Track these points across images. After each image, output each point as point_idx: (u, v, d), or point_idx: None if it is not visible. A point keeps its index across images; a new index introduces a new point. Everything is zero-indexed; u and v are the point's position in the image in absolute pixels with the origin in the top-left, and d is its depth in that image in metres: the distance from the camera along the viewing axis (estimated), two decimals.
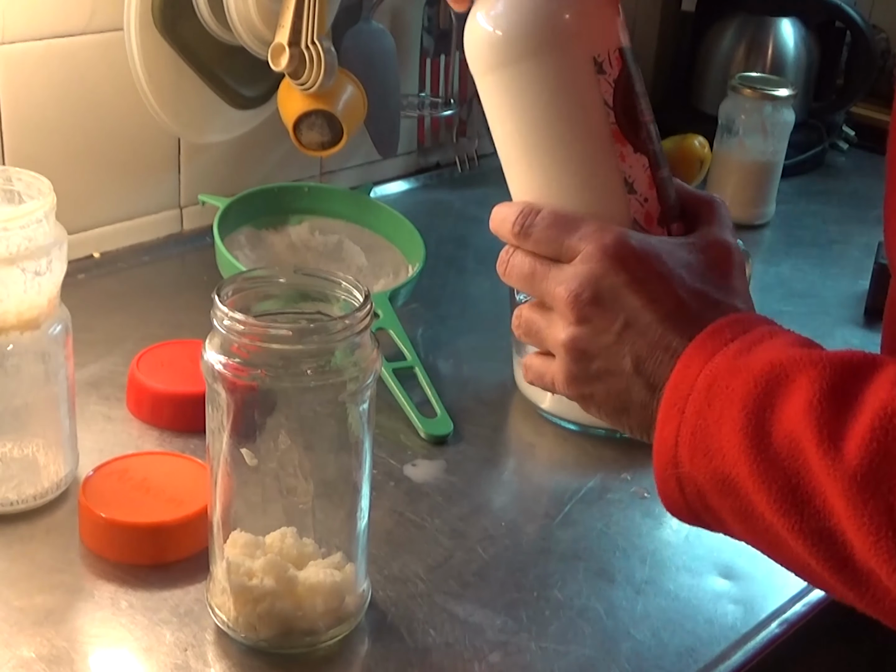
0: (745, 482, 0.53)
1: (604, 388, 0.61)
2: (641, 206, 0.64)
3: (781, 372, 0.54)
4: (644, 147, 0.64)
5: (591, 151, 0.63)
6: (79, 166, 1.14)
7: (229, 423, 0.69)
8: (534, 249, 0.63)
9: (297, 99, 1.10)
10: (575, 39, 0.62)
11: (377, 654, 0.74)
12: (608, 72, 0.62)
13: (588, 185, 0.64)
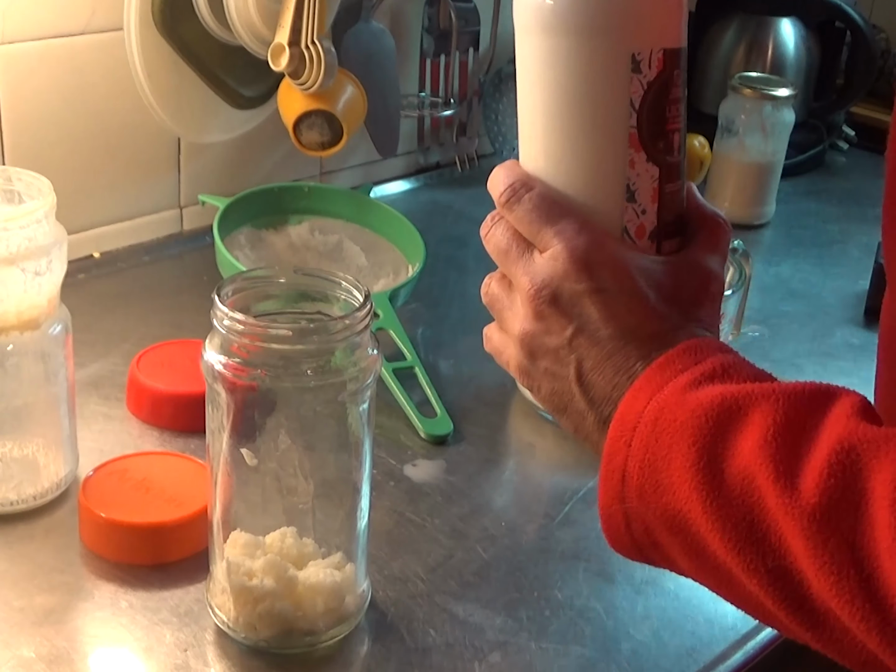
0: (698, 519, 0.52)
1: (548, 385, 0.60)
2: (637, 217, 0.61)
3: (734, 405, 0.52)
4: (659, 158, 0.61)
5: (601, 147, 0.61)
6: (79, 166, 1.14)
7: (229, 423, 0.69)
8: (514, 225, 0.61)
9: (297, 99, 1.10)
10: (616, 29, 0.59)
11: (377, 654, 0.74)
12: (644, 72, 0.59)
13: (588, 178, 0.62)
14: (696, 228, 0.63)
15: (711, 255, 0.63)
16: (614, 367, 0.57)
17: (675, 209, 0.63)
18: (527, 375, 0.61)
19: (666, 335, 0.58)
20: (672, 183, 0.62)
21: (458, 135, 1.50)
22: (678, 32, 0.61)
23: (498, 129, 1.51)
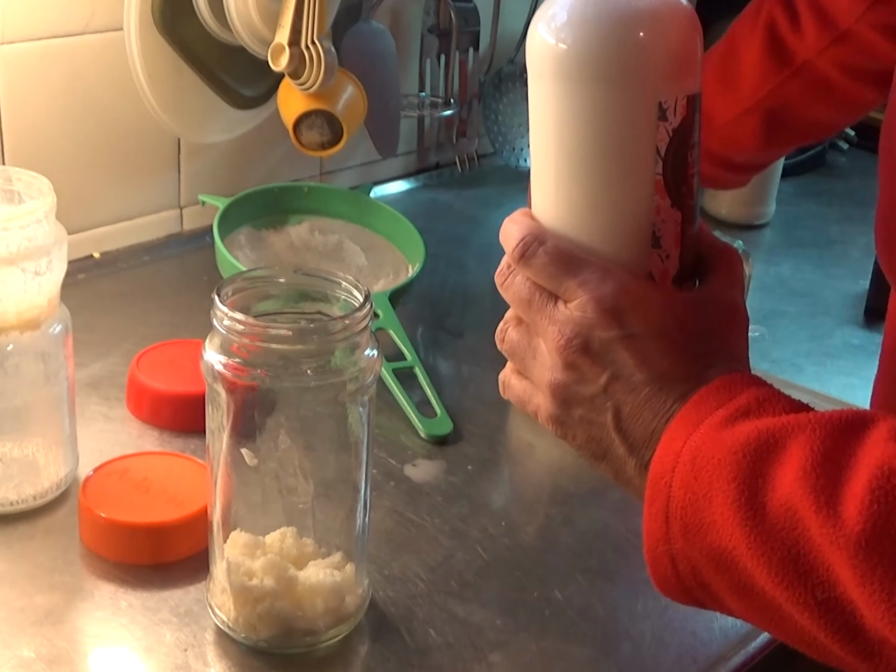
0: (743, 556, 0.52)
1: (584, 434, 0.60)
2: (661, 262, 0.61)
3: (770, 439, 0.52)
4: (682, 202, 0.61)
5: (628, 197, 0.60)
6: (79, 166, 1.14)
7: (229, 423, 0.69)
8: (533, 278, 0.61)
9: (297, 99, 1.10)
10: (645, 78, 0.59)
11: (377, 654, 0.74)
12: (670, 119, 0.59)
13: (615, 227, 0.61)
14: (711, 263, 0.63)
15: (732, 287, 0.62)
16: (652, 411, 0.57)
17: (693, 251, 0.63)
18: (560, 425, 0.61)
19: (699, 373, 0.57)
20: (691, 226, 0.62)
21: (458, 135, 1.50)
22: (698, 77, 0.60)
23: (498, 129, 1.51)
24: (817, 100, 1.08)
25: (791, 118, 1.08)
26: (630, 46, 0.58)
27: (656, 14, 0.58)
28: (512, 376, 0.64)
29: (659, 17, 0.58)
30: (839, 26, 1.02)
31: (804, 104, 1.08)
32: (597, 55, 0.58)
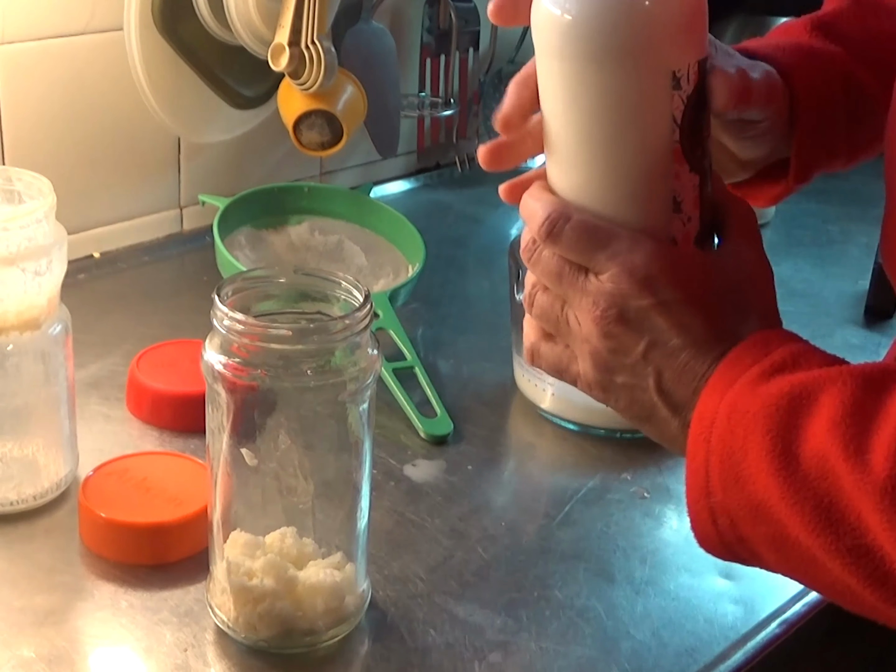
0: (777, 506, 0.53)
1: (627, 397, 0.61)
2: (683, 226, 0.61)
3: (803, 392, 0.54)
4: (699, 165, 0.61)
5: (648, 167, 0.60)
6: (79, 166, 1.14)
7: (229, 423, 0.69)
8: (561, 254, 0.61)
9: (297, 99, 1.10)
10: (658, 49, 0.58)
11: (377, 654, 0.74)
12: (684, 87, 0.59)
13: (636, 199, 0.61)
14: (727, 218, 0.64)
15: (752, 243, 0.64)
16: (691, 373, 0.59)
17: (711, 208, 0.63)
18: (603, 390, 0.62)
19: (733, 332, 0.59)
20: (708, 185, 0.62)
21: (458, 135, 1.50)
22: (707, 41, 0.60)
23: None
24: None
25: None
26: (640, 19, 0.57)
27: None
28: (542, 344, 0.65)
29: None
30: None
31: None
32: (607, 31, 0.57)
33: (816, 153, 0.71)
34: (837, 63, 0.70)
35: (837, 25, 0.73)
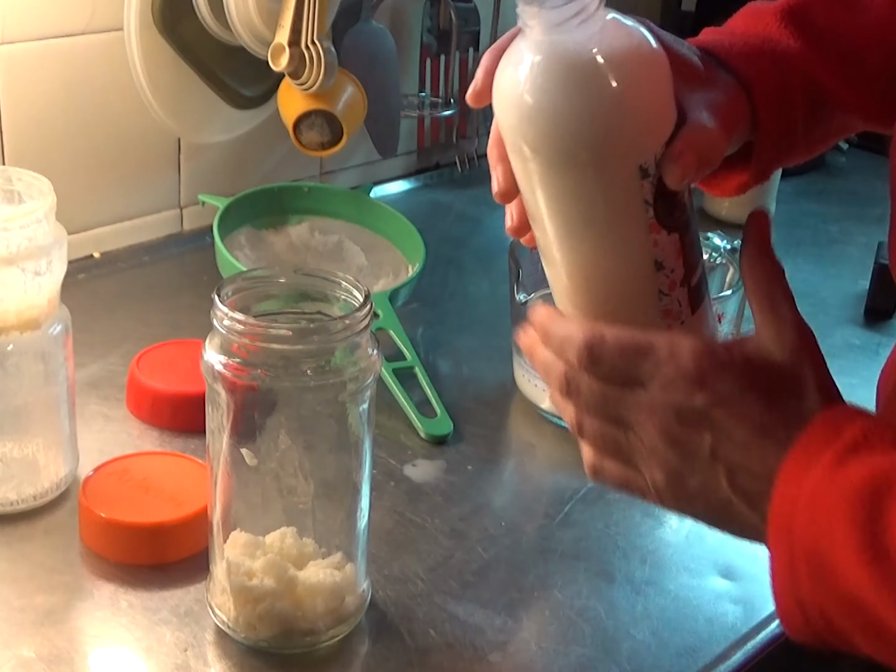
0: (870, 598, 0.52)
1: (702, 500, 0.61)
2: (667, 278, 0.62)
3: (884, 480, 0.53)
4: (677, 223, 0.61)
5: (624, 245, 0.61)
6: (79, 166, 1.14)
7: (229, 423, 0.69)
8: (605, 377, 0.61)
9: (297, 99, 1.10)
10: (623, 154, 0.59)
11: (377, 654, 0.74)
12: (651, 174, 0.59)
13: (617, 273, 0.62)
14: (753, 297, 0.63)
15: (788, 312, 0.62)
16: (762, 463, 0.58)
17: (696, 251, 0.63)
18: (676, 499, 0.61)
19: (795, 413, 0.58)
20: (690, 231, 0.63)
21: (458, 135, 1.50)
22: (672, 115, 0.60)
23: None
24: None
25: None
26: (601, 135, 0.57)
27: (623, 88, 0.57)
28: (604, 461, 0.64)
29: (626, 90, 0.57)
30: None
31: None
32: (568, 146, 0.58)
33: (776, 156, 0.70)
34: (799, 63, 0.69)
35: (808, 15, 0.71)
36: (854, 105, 0.71)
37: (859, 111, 0.71)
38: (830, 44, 0.70)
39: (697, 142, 0.60)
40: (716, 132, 0.62)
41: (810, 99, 0.69)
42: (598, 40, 0.57)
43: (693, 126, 0.61)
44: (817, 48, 0.70)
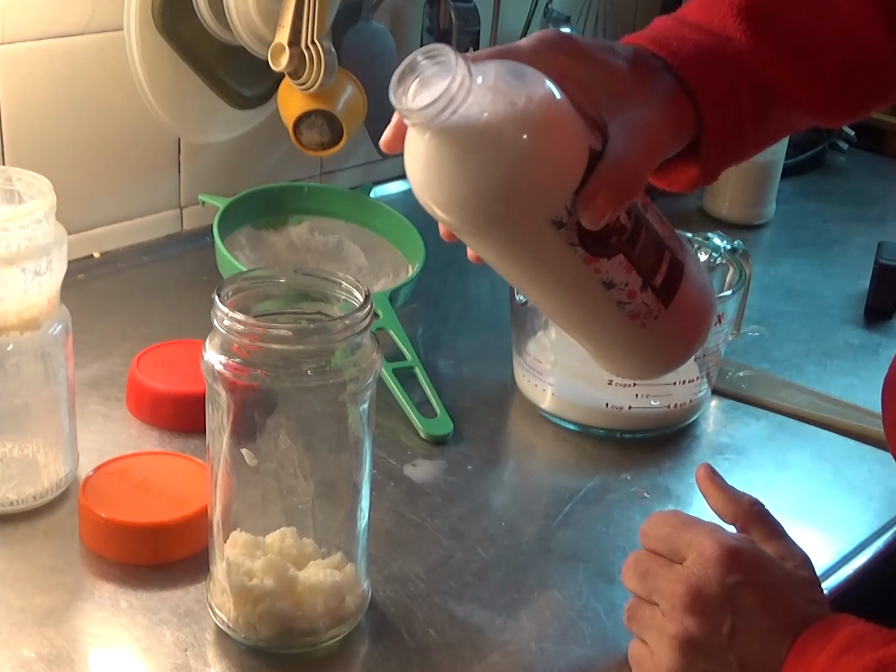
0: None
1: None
2: (623, 290, 0.63)
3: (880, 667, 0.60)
4: (617, 246, 0.62)
5: (564, 284, 0.63)
6: (79, 166, 1.14)
7: (229, 423, 0.69)
8: (652, 547, 0.70)
9: (297, 99, 1.10)
10: (526, 217, 0.59)
11: (377, 654, 0.74)
12: (567, 221, 0.59)
13: (570, 303, 0.65)
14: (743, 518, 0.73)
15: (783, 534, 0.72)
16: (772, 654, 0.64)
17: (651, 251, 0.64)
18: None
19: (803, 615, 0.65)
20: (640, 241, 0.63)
21: None
22: (579, 164, 0.59)
23: None
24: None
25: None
26: (498, 206, 0.58)
27: (508, 159, 0.57)
28: (636, 642, 0.71)
29: (512, 160, 0.57)
30: None
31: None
32: (469, 217, 0.60)
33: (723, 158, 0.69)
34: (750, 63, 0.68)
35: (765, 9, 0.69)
36: (806, 104, 0.70)
37: (811, 109, 0.71)
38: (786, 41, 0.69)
39: (612, 179, 0.60)
40: (633, 163, 0.61)
41: (760, 99, 0.68)
42: (476, 117, 0.56)
43: (606, 163, 0.60)
44: (772, 46, 0.68)
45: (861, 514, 0.91)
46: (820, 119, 0.73)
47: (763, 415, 1.03)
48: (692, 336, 0.69)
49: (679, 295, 0.66)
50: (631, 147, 0.61)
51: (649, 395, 0.96)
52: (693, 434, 1.00)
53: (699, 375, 0.98)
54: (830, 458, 0.98)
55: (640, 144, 0.62)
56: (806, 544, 0.73)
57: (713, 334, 0.96)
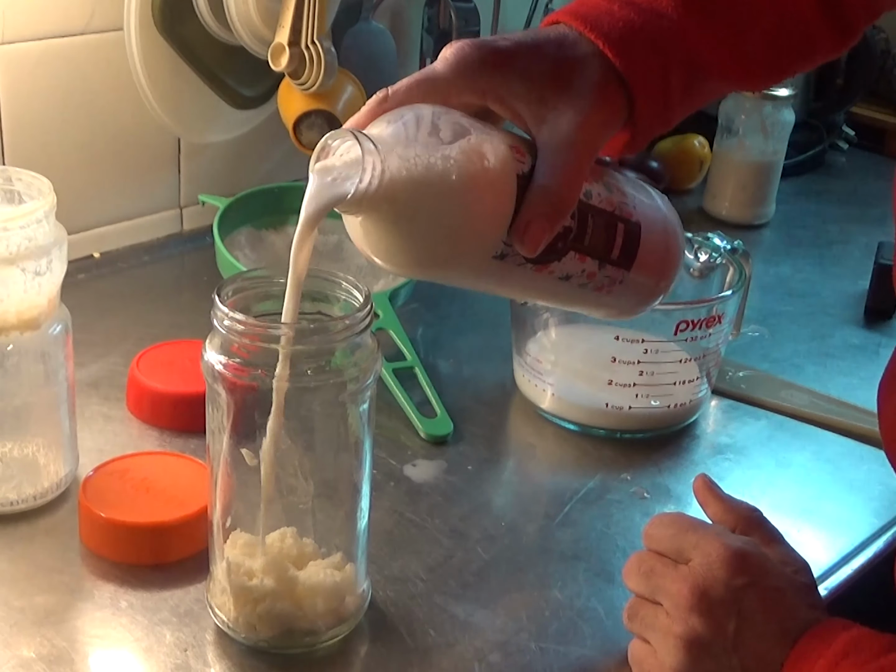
0: None
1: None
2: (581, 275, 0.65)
3: None
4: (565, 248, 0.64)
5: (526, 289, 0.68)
6: (79, 166, 1.14)
7: (229, 423, 0.69)
8: (656, 548, 0.70)
9: (297, 99, 1.10)
10: (459, 264, 0.61)
11: (377, 654, 0.74)
12: (510, 253, 0.61)
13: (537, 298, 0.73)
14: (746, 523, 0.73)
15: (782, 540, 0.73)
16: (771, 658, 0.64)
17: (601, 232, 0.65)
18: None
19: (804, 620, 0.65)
20: (585, 232, 0.64)
21: None
22: (508, 204, 0.60)
23: None
24: None
25: None
26: (431, 265, 0.61)
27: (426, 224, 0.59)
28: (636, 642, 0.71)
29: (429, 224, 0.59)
30: None
31: None
32: (424, 276, 0.63)
33: (653, 130, 0.69)
34: (680, 37, 0.67)
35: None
36: (734, 75, 0.70)
37: (738, 79, 0.72)
38: (716, 15, 0.68)
39: (541, 207, 0.61)
40: (560, 183, 0.62)
41: (690, 76, 0.68)
42: (395, 195, 0.58)
43: (534, 191, 0.61)
44: (702, 21, 0.68)
45: (861, 514, 0.91)
46: (745, 87, 0.75)
47: (763, 415, 1.03)
48: (665, 272, 0.71)
49: (640, 251, 0.67)
50: (558, 166, 0.62)
51: (649, 396, 0.96)
52: (693, 434, 1.00)
53: (699, 375, 0.98)
54: (830, 458, 0.98)
55: (568, 158, 0.62)
56: (806, 544, 0.73)
57: (713, 334, 0.96)
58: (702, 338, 0.95)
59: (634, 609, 0.71)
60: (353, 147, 0.58)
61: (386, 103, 0.62)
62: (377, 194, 0.57)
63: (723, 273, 1.02)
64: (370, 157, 0.57)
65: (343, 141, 0.59)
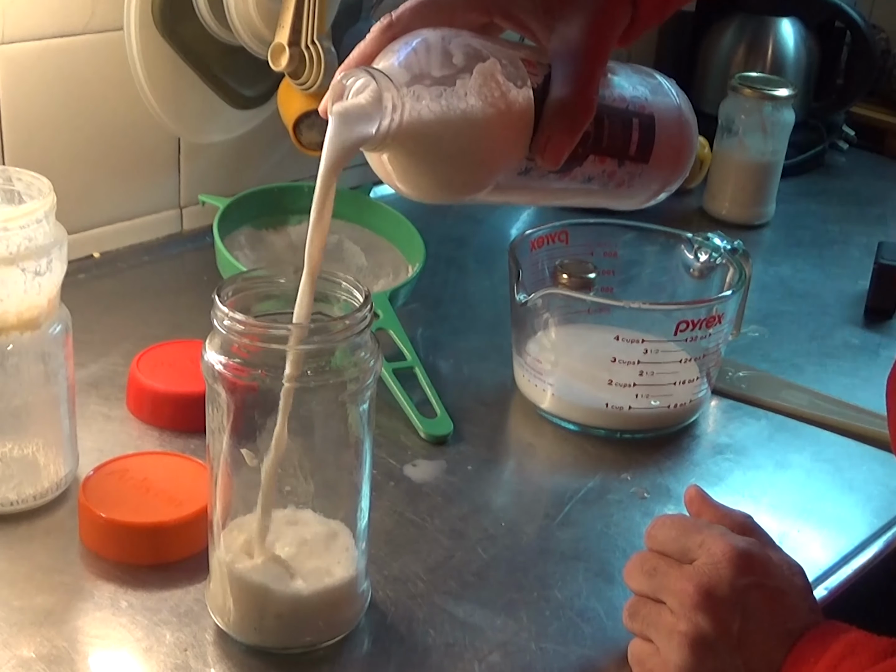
0: None
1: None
2: (602, 176, 0.66)
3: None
4: (585, 152, 0.65)
5: (551, 195, 0.69)
6: (79, 166, 1.14)
7: (229, 423, 0.69)
8: (659, 549, 0.70)
9: (297, 99, 1.10)
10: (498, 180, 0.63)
11: (377, 654, 0.74)
12: (534, 166, 0.63)
13: (563, 201, 0.71)
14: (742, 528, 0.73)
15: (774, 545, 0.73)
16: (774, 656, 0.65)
17: (618, 131, 0.67)
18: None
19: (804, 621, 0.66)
20: (602, 134, 0.66)
21: None
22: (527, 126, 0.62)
23: None
24: None
25: None
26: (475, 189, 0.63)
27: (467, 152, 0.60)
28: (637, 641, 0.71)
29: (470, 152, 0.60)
30: None
31: None
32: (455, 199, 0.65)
33: (650, 21, 0.69)
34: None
35: None
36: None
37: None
38: None
39: (559, 121, 0.61)
40: (576, 94, 0.62)
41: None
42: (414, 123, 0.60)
43: (550, 106, 0.61)
44: None
45: (861, 514, 0.91)
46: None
47: (763, 415, 1.03)
48: (682, 157, 0.71)
49: (656, 143, 0.68)
50: (572, 76, 0.62)
51: (649, 396, 0.96)
52: (693, 434, 1.00)
53: (699, 375, 0.98)
54: (830, 458, 0.98)
55: (581, 67, 0.62)
56: (806, 544, 0.73)
57: (713, 334, 0.96)
58: (702, 338, 0.95)
59: (636, 608, 0.70)
60: (369, 84, 0.58)
61: (391, 29, 0.63)
62: (399, 131, 0.58)
63: (723, 273, 1.02)
64: (388, 93, 0.57)
65: (357, 79, 0.59)
